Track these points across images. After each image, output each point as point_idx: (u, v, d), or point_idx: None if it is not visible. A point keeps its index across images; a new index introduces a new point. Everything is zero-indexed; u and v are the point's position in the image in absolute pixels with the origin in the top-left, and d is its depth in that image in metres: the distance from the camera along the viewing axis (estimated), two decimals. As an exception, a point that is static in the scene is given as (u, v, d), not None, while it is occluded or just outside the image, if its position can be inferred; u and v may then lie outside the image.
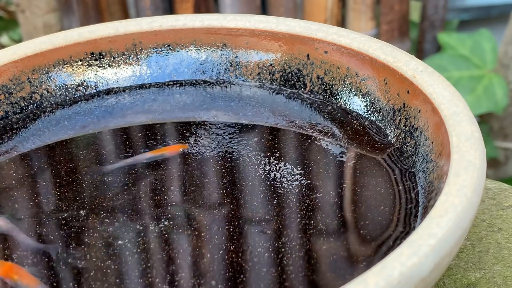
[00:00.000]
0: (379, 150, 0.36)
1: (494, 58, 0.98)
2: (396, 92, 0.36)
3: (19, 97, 0.41)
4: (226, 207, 0.32)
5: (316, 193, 0.33)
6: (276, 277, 0.28)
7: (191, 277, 0.28)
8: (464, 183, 0.26)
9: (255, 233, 0.30)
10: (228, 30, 0.43)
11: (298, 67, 0.41)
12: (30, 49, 0.41)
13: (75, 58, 0.42)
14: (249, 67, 0.43)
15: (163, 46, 0.43)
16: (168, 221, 0.32)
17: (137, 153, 0.37)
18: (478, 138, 0.29)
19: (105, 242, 0.30)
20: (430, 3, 1.01)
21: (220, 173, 0.35)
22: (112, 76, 0.43)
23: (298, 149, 0.36)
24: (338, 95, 0.40)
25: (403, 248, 0.23)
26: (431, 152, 0.32)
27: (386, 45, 0.37)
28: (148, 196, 0.33)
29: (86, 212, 0.32)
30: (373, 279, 0.22)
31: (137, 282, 0.28)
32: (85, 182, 0.34)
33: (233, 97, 0.42)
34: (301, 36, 0.41)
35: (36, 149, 0.38)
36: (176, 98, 0.42)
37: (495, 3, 1.18)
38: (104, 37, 0.43)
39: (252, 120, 0.39)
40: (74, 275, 0.29)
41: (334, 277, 0.28)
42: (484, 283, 0.32)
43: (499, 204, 0.38)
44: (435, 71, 0.34)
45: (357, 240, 0.30)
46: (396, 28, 0.99)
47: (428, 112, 0.33)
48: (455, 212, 0.24)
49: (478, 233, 0.36)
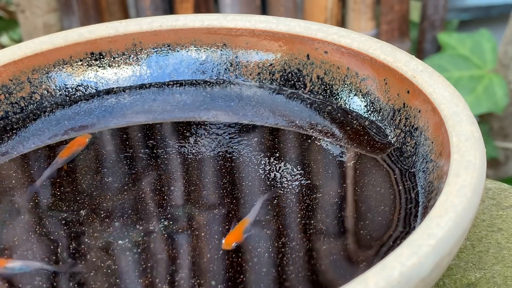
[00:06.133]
0: (379, 150, 0.36)
1: (494, 58, 0.98)
2: (396, 92, 0.36)
3: (19, 97, 0.41)
4: (226, 207, 0.32)
5: (316, 193, 0.33)
6: (276, 277, 0.28)
7: (191, 277, 0.28)
8: (464, 183, 0.26)
9: (255, 233, 0.30)
10: (228, 30, 0.43)
11: (298, 67, 0.41)
12: (30, 49, 0.41)
13: (75, 58, 0.42)
14: (249, 67, 0.43)
15: (163, 46, 0.43)
16: (168, 221, 0.32)
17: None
18: (478, 138, 0.29)
19: (105, 242, 0.30)
20: (430, 3, 1.01)
21: (220, 173, 0.35)
22: (112, 76, 0.43)
23: (298, 149, 0.36)
24: (338, 95, 0.40)
25: (403, 248, 0.23)
26: (431, 152, 0.32)
27: (386, 45, 0.37)
28: (148, 196, 0.33)
29: (86, 212, 0.32)
30: (373, 279, 0.22)
31: (137, 282, 0.28)
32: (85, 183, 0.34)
33: (233, 97, 0.42)
34: (301, 36, 0.41)
35: (36, 149, 0.38)
36: (176, 98, 0.42)
37: (495, 3, 1.18)
38: (104, 37, 0.43)
39: (252, 120, 0.39)
40: (74, 275, 0.29)
41: (334, 277, 0.28)
42: (484, 283, 0.32)
43: (499, 204, 0.38)
44: (435, 71, 0.34)
45: (357, 240, 0.30)
46: (396, 28, 0.99)
47: (428, 112, 0.33)
48: (455, 212, 0.24)
49: (478, 233, 0.36)
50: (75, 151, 0.37)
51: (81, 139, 0.38)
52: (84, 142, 0.37)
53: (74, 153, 0.37)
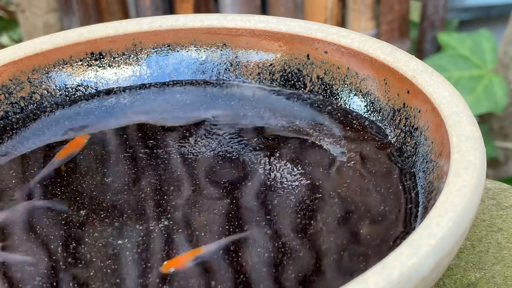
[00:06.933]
0: (379, 150, 0.36)
1: (494, 58, 0.98)
2: (396, 92, 0.36)
3: (19, 97, 0.41)
4: (226, 207, 0.32)
5: (316, 193, 0.33)
6: (276, 277, 0.28)
7: (190, 277, 0.28)
8: (464, 183, 0.26)
9: (255, 233, 0.30)
10: (228, 30, 0.43)
11: (298, 67, 0.41)
12: (30, 49, 0.41)
13: (75, 58, 0.42)
14: (249, 67, 0.43)
15: (163, 46, 0.43)
16: (168, 221, 0.32)
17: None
18: (478, 138, 0.29)
19: (105, 242, 0.30)
20: (430, 3, 1.01)
21: (220, 173, 0.35)
22: (112, 76, 0.43)
23: (298, 149, 0.36)
24: (338, 95, 0.40)
25: (403, 248, 0.23)
26: (431, 152, 0.32)
27: (386, 45, 0.37)
28: (148, 196, 0.33)
29: (86, 212, 0.32)
30: (373, 279, 0.22)
31: (137, 282, 0.28)
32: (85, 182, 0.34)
33: (233, 97, 0.42)
34: (301, 36, 0.41)
35: (36, 149, 0.38)
36: (176, 98, 0.42)
37: (495, 3, 1.18)
38: (104, 37, 0.43)
39: (252, 120, 0.39)
40: (74, 275, 0.29)
41: (334, 277, 0.28)
42: (484, 283, 0.32)
43: (499, 204, 0.38)
44: (435, 71, 0.34)
45: (357, 240, 0.30)
46: (396, 28, 0.99)
47: (428, 112, 0.33)
48: (455, 212, 0.24)
49: (478, 233, 0.36)
50: (72, 151, 0.37)
51: (79, 140, 0.38)
52: (82, 143, 0.37)
53: (71, 153, 0.37)
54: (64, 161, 0.36)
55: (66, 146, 0.37)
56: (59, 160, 0.36)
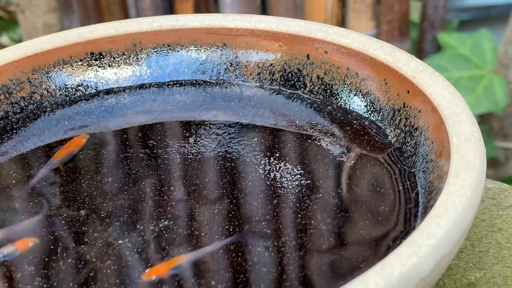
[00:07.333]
0: (379, 150, 0.36)
1: (494, 58, 0.98)
2: (396, 92, 0.36)
3: (19, 97, 0.41)
4: (226, 207, 0.32)
5: (316, 193, 0.33)
6: (276, 277, 0.28)
7: (190, 276, 0.28)
8: (464, 183, 0.26)
9: (255, 233, 0.30)
10: (228, 30, 0.43)
11: (298, 67, 0.41)
12: (30, 49, 0.41)
13: (75, 58, 0.42)
14: (249, 67, 0.43)
15: (163, 46, 0.43)
16: (168, 221, 0.32)
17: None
18: (478, 138, 0.29)
19: (105, 242, 0.30)
20: (430, 3, 1.01)
21: (220, 173, 0.35)
22: (112, 76, 0.43)
23: (298, 149, 0.36)
24: (338, 95, 0.40)
25: (403, 248, 0.23)
26: (431, 152, 0.32)
27: (386, 45, 0.37)
28: (148, 196, 0.33)
29: (86, 212, 0.32)
30: (373, 279, 0.22)
31: (137, 282, 0.28)
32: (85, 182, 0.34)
33: (233, 97, 0.42)
34: (301, 36, 0.41)
35: (36, 149, 0.38)
36: (176, 98, 0.42)
37: (495, 3, 1.18)
38: (104, 37, 0.43)
39: (252, 120, 0.39)
40: (74, 275, 0.29)
41: (334, 277, 0.28)
42: (484, 283, 0.32)
43: (499, 204, 0.38)
44: (435, 71, 0.34)
45: (357, 240, 0.30)
46: (396, 28, 0.99)
47: (428, 112, 0.33)
48: (455, 212, 0.24)
49: (478, 233, 0.36)
50: (71, 151, 0.37)
51: (78, 140, 0.38)
52: (81, 143, 0.37)
53: (70, 153, 0.37)
54: (63, 161, 0.36)
55: (65, 146, 0.37)
56: (58, 160, 0.36)
